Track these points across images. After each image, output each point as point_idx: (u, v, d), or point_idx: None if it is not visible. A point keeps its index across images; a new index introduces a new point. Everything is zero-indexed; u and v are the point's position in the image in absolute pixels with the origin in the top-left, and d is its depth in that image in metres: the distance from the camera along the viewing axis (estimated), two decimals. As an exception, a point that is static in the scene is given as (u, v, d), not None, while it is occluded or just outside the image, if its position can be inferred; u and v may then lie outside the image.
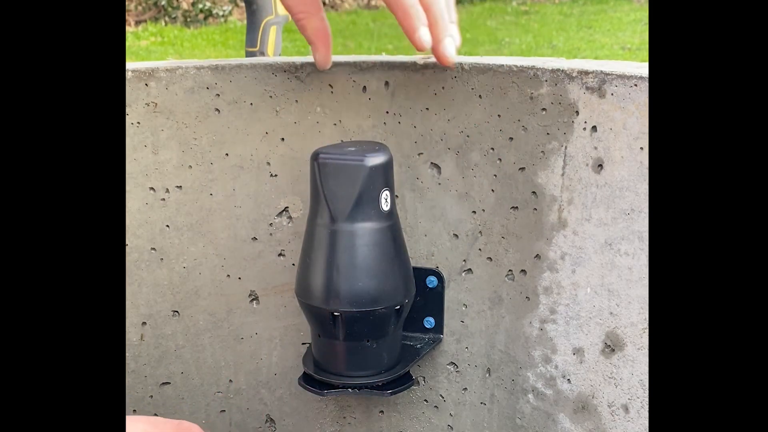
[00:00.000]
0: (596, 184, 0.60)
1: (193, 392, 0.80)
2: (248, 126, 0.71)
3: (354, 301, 0.61)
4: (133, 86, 0.71)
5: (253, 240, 0.74)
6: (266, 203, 0.73)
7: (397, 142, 0.69)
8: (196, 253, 0.75)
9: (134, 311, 0.77)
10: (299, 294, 0.65)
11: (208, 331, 0.78)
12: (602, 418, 0.63)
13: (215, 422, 0.81)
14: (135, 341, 0.78)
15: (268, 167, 0.72)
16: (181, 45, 5.49)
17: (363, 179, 0.60)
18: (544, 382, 0.67)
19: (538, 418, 0.69)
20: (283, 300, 0.76)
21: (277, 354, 0.78)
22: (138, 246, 0.75)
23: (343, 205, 0.60)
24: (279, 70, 0.70)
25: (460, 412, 0.75)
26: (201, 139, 0.72)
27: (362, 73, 0.68)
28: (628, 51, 4.70)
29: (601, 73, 0.59)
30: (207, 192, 0.73)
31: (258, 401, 0.80)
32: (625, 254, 0.59)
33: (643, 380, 0.60)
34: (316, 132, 0.70)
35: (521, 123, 0.63)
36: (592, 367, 0.63)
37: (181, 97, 0.71)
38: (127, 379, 0.78)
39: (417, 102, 0.67)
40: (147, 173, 0.73)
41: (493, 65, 0.64)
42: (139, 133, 0.72)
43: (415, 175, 0.69)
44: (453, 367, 0.74)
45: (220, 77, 0.70)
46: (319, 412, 0.80)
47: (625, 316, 0.60)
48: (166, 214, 0.74)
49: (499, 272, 0.68)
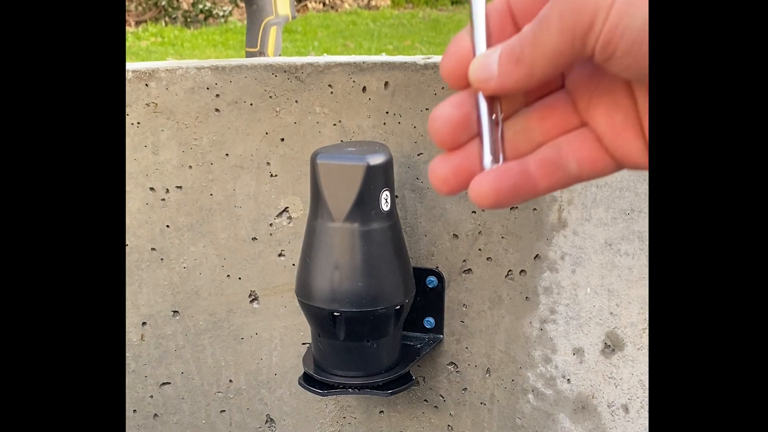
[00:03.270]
0: (596, 184, 0.60)
1: (193, 392, 0.80)
2: (248, 126, 0.71)
3: (354, 301, 0.61)
4: (133, 86, 0.71)
5: (253, 240, 0.74)
6: (266, 203, 0.73)
7: (397, 142, 0.69)
8: (196, 253, 0.75)
9: (134, 311, 0.77)
10: (299, 294, 0.65)
11: (208, 331, 0.78)
12: (602, 418, 0.63)
13: (215, 422, 0.81)
14: (135, 341, 0.78)
15: (268, 167, 0.72)
16: (181, 45, 5.49)
17: (363, 179, 0.60)
18: (544, 382, 0.67)
19: (538, 418, 0.69)
20: (283, 300, 0.76)
21: (277, 354, 0.78)
22: (138, 246, 0.75)
23: (343, 205, 0.60)
24: (279, 70, 0.70)
25: (460, 412, 0.75)
26: (201, 139, 0.72)
27: (362, 73, 0.68)
28: (628, 51, 4.69)
29: (600, 73, 0.58)
30: (207, 192, 0.73)
31: (258, 401, 0.80)
32: (625, 254, 0.59)
33: (643, 380, 0.60)
34: (316, 132, 0.71)
35: (521, 123, 0.63)
36: (592, 367, 0.63)
37: (181, 98, 0.71)
38: (127, 379, 0.78)
39: (417, 102, 0.67)
40: (147, 173, 0.73)
41: (493, 65, 0.64)
42: (139, 133, 0.72)
43: (415, 175, 0.69)
44: (453, 367, 0.74)
45: (220, 77, 0.70)
46: (319, 412, 0.80)
47: (625, 316, 0.60)
48: (166, 214, 0.74)
49: (499, 272, 0.68)
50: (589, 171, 0.32)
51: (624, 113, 0.31)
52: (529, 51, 0.29)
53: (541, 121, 0.32)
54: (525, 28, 0.30)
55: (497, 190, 0.31)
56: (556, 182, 0.31)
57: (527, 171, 0.31)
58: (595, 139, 0.32)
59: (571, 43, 0.28)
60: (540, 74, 0.29)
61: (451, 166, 0.31)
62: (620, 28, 0.27)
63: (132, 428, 0.80)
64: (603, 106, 0.31)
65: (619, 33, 0.27)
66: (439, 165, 0.32)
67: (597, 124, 0.31)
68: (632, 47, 0.27)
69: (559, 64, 0.29)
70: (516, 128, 0.32)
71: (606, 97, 0.31)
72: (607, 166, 0.32)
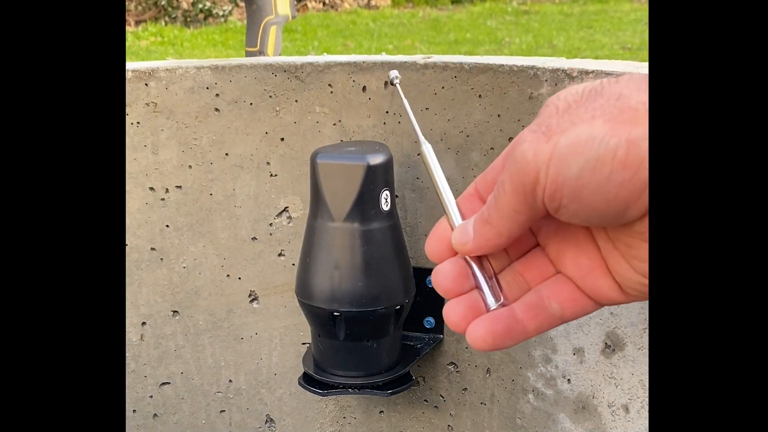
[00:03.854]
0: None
1: (193, 392, 0.80)
2: (248, 126, 0.71)
3: (354, 301, 0.61)
4: (133, 86, 0.70)
5: (253, 240, 0.74)
6: (266, 203, 0.73)
7: (397, 142, 0.69)
8: (196, 253, 0.75)
9: (134, 311, 0.77)
10: (299, 294, 0.65)
11: (208, 331, 0.77)
12: (602, 418, 0.63)
13: (215, 422, 0.81)
14: (135, 341, 0.78)
15: (268, 167, 0.72)
16: (181, 45, 5.49)
17: (363, 179, 0.60)
18: (544, 382, 0.67)
19: (538, 418, 0.69)
20: (283, 300, 0.76)
21: (277, 354, 0.78)
22: (138, 246, 0.75)
23: (343, 205, 0.60)
24: (279, 70, 0.70)
25: (460, 412, 0.75)
26: (201, 139, 0.72)
27: (362, 73, 0.68)
28: (628, 51, 4.70)
29: (601, 73, 0.59)
30: (207, 192, 0.73)
31: (258, 401, 0.80)
32: (625, 254, 0.59)
33: (643, 380, 0.60)
34: (316, 132, 0.70)
35: (521, 123, 0.63)
36: (592, 367, 0.63)
37: (181, 97, 0.71)
38: (127, 379, 0.78)
39: (417, 102, 0.67)
40: (147, 173, 0.73)
41: (493, 65, 0.64)
42: (139, 133, 0.72)
43: (415, 175, 0.69)
44: (453, 367, 0.74)
45: (220, 77, 0.70)
46: (319, 412, 0.80)
47: (625, 316, 0.60)
48: (166, 214, 0.74)
49: (499, 272, 0.68)
50: (571, 311, 0.36)
51: (589, 256, 0.35)
52: (493, 212, 0.34)
53: (524, 272, 0.37)
54: (489, 196, 0.34)
55: (493, 334, 0.35)
56: (542, 323, 0.36)
57: (515, 315, 0.36)
58: (571, 282, 0.36)
59: (524, 199, 0.32)
60: (507, 231, 0.34)
61: (459, 312, 0.37)
62: (560, 180, 0.30)
63: (132, 428, 0.80)
64: (570, 252, 0.36)
65: (560, 184, 0.30)
66: (451, 311, 0.37)
67: (567, 270, 0.36)
68: (574, 194, 0.30)
69: (520, 221, 0.33)
70: (507, 279, 0.37)
71: (571, 245, 0.36)
72: (587, 305, 0.36)
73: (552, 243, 0.37)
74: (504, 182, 0.33)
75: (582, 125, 0.30)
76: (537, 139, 0.31)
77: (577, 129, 0.30)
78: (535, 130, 0.32)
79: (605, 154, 0.29)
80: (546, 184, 0.31)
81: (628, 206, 0.30)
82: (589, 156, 0.30)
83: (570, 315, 0.36)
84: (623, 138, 0.29)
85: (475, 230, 0.35)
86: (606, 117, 0.30)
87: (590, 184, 0.30)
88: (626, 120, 0.30)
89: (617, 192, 0.30)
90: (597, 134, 0.30)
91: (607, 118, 0.30)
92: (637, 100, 0.30)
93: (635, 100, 0.30)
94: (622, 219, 0.31)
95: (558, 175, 0.30)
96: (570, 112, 0.31)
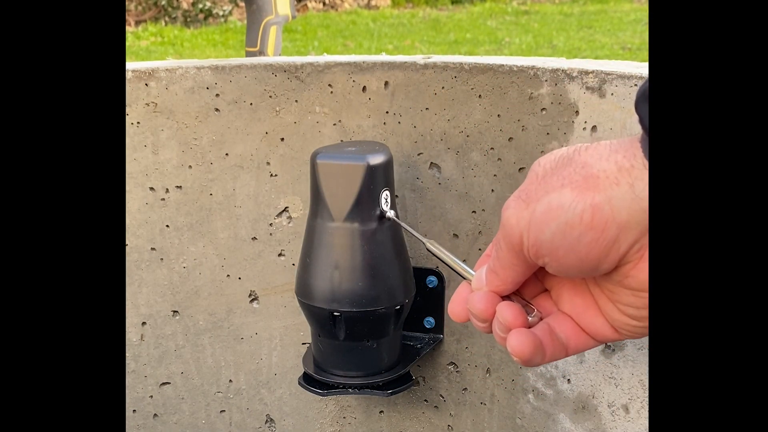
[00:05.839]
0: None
1: (193, 392, 0.80)
2: (248, 126, 0.71)
3: (354, 301, 0.61)
4: (133, 86, 0.70)
5: (253, 240, 0.74)
6: (266, 203, 0.73)
7: (397, 142, 0.69)
8: (196, 253, 0.75)
9: (134, 311, 0.77)
10: (299, 294, 0.65)
11: (208, 331, 0.78)
12: (602, 418, 0.63)
13: (215, 422, 0.81)
14: (135, 341, 0.78)
15: (268, 167, 0.72)
16: (181, 45, 5.49)
17: (363, 179, 0.60)
18: (544, 382, 0.67)
19: (538, 418, 0.69)
20: (283, 300, 0.76)
21: (277, 354, 0.78)
22: (138, 246, 0.75)
23: (342, 205, 0.60)
24: (279, 70, 0.70)
25: (460, 412, 0.75)
26: (201, 139, 0.72)
27: (362, 73, 0.68)
28: (628, 51, 4.70)
29: (601, 72, 0.59)
30: (207, 192, 0.73)
31: (258, 401, 0.80)
32: (625, 254, 0.59)
33: (643, 380, 0.60)
34: (316, 132, 0.70)
35: (521, 123, 0.63)
36: (592, 367, 0.63)
37: (181, 97, 0.71)
38: (127, 379, 0.78)
39: (417, 102, 0.67)
40: (147, 173, 0.73)
41: (493, 65, 0.64)
42: (139, 133, 0.72)
43: (415, 175, 0.69)
44: (453, 367, 0.74)
45: (220, 77, 0.70)
46: (319, 412, 0.80)
47: (625, 316, 0.60)
48: (166, 214, 0.74)
49: (499, 272, 0.68)
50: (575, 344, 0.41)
51: (582, 297, 0.40)
52: (496, 264, 0.40)
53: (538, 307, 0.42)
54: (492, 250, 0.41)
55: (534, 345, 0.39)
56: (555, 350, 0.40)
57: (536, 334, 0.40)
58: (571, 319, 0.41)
59: (517, 255, 0.37)
60: (510, 279, 0.40)
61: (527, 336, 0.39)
62: (538, 242, 0.35)
63: (132, 428, 0.80)
64: (566, 294, 0.41)
65: (539, 246, 0.35)
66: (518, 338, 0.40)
67: (565, 309, 0.41)
68: (551, 254, 0.35)
69: (518, 271, 0.39)
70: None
71: (567, 287, 0.41)
72: (588, 341, 0.41)
73: (553, 286, 0.42)
74: (499, 241, 0.38)
75: (554, 193, 0.35)
76: (518, 206, 0.36)
77: (549, 197, 0.35)
78: (518, 196, 0.37)
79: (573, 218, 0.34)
80: (528, 245, 0.36)
81: (600, 261, 0.35)
82: (560, 221, 0.34)
83: (574, 348, 0.41)
84: (588, 203, 0.33)
85: (486, 277, 0.41)
86: (573, 185, 0.34)
87: (563, 244, 0.34)
88: (590, 187, 0.34)
89: (587, 251, 0.34)
90: (565, 201, 0.34)
91: (574, 186, 0.34)
92: (598, 168, 0.34)
93: (597, 168, 0.34)
94: (598, 272, 0.36)
95: (536, 239, 0.35)
96: (546, 180, 0.36)
